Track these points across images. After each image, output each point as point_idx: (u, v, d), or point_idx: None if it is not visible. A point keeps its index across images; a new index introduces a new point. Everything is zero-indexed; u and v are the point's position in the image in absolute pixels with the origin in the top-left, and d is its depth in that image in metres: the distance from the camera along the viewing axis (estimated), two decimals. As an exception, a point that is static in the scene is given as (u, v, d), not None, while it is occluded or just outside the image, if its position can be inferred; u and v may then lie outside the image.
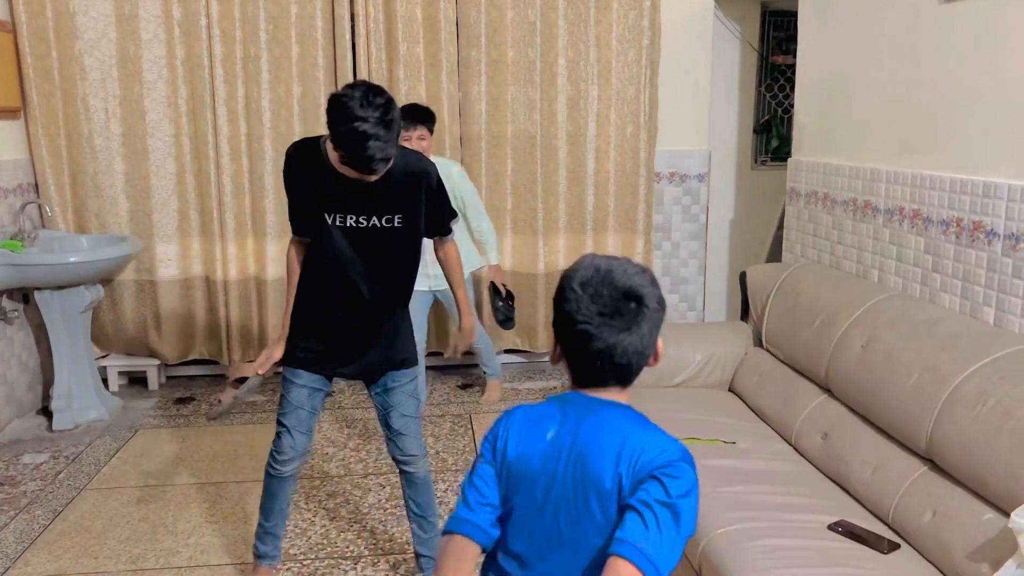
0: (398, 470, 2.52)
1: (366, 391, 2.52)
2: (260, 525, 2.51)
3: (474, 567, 1.32)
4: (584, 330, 1.24)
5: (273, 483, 2.44)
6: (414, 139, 3.41)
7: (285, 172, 2.31)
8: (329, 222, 2.23)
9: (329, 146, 2.17)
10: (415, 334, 2.54)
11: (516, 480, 1.30)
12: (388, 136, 2.01)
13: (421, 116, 3.48)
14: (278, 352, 2.38)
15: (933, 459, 2.24)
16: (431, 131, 3.53)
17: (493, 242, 3.81)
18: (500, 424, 1.35)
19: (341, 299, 2.31)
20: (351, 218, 2.22)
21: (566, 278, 1.29)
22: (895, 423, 2.37)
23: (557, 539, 1.27)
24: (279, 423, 2.41)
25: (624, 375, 1.28)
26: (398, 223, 2.24)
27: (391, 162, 2.11)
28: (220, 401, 2.36)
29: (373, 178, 2.13)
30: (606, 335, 1.24)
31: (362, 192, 2.18)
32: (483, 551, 1.34)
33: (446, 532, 1.32)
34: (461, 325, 2.64)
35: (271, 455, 2.42)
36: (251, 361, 2.38)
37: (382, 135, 1.99)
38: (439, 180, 2.34)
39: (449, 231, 2.45)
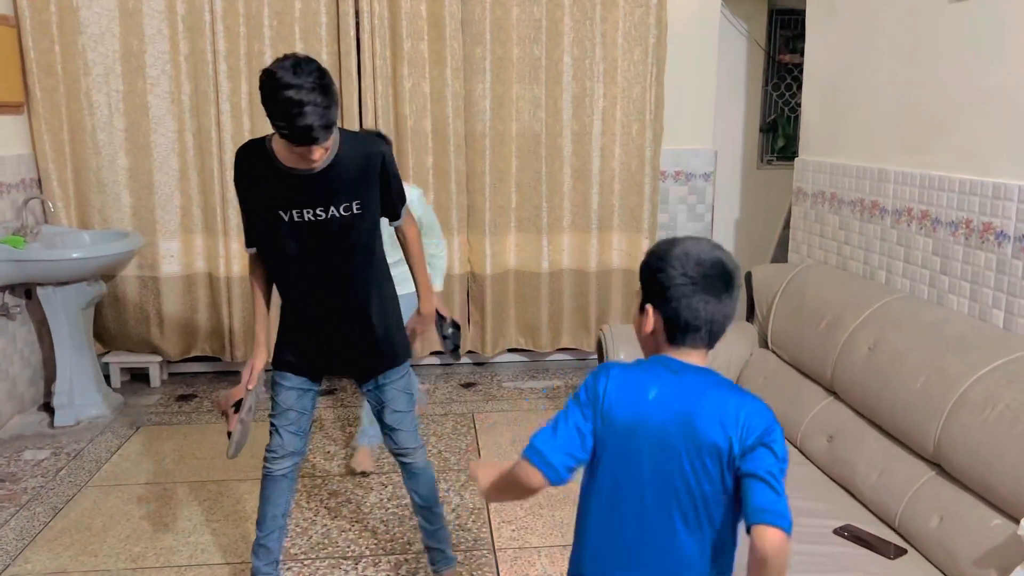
0: (397, 463, 2.51)
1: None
2: (256, 537, 2.47)
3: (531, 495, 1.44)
4: (692, 290, 1.36)
5: (266, 484, 2.41)
6: None
7: (235, 180, 2.23)
8: (286, 219, 2.16)
9: (275, 142, 2.10)
10: None
11: (614, 434, 1.40)
12: (326, 101, 1.93)
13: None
14: (259, 363, 2.35)
15: (940, 463, 2.21)
16: None
17: (442, 267, 3.49)
18: (599, 381, 1.42)
19: (313, 298, 2.27)
20: (308, 212, 2.15)
21: (660, 251, 1.41)
22: (902, 426, 2.35)
23: (662, 490, 1.37)
24: (270, 423, 2.40)
25: (715, 336, 1.40)
26: (356, 209, 2.19)
27: (332, 130, 2.01)
28: (229, 435, 2.33)
29: (315, 157, 2.03)
30: (709, 295, 1.36)
31: (314, 183, 2.12)
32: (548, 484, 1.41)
33: (523, 458, 1.40)
34: (420, 309, 2.57)
35: (264, 455, 2.41)
36: (238, 383, 2.36)
37: (319, 100, 1.91)
38: (392, 160, 2.28)
39: (398, 216, 2.37)
